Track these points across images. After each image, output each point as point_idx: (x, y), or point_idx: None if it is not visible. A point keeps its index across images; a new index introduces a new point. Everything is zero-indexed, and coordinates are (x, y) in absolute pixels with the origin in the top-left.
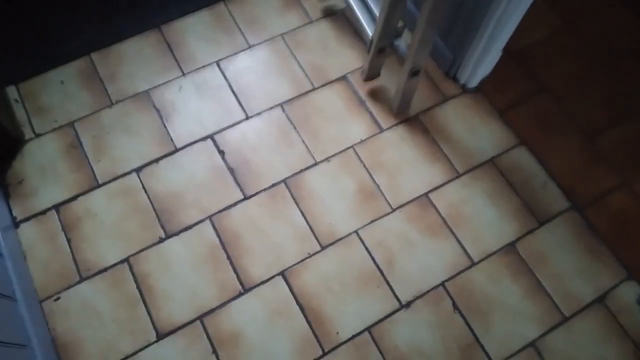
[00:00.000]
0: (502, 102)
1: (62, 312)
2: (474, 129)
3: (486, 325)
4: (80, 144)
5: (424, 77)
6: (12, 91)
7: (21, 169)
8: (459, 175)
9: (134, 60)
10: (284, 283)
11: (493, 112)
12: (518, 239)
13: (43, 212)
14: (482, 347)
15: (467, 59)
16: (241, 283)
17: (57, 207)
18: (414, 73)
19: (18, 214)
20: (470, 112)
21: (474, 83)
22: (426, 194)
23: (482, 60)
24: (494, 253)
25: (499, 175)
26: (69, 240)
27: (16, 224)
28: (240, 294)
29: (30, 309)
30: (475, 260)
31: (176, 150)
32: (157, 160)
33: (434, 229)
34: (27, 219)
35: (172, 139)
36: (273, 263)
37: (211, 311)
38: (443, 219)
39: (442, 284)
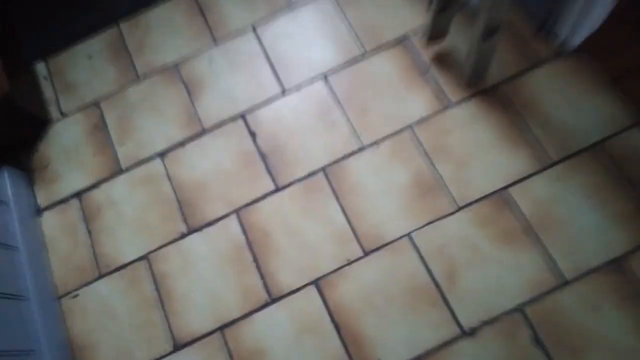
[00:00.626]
0: (616, 67)
1: (79, 311)
2: (575, 103)
3: None
4: (105, 124)
5: (507, 35)
6: (41, 68)
7: (47, 153)
8: (551, 165)
9: (163, 28)
10: (317, 294)
11: (603, 80)
12: (628, 253)
13: (65, 200)
14: None
15: (567, 9)
16: (268, 291)
17: (79, 194)
18: (490, 32)
19: (42, 201)
20: (571, 80)
21: (576, 42)
22: (505, 189)
23: (589, 11)
24: (594, 271)
25: (608, 166)
26: (89, 232)
27: (39, 211)
28: (266, 304)
29: (44, 308)
30: (568, 278)
31: (203, 131)
32: (182, 144)
33: (512, 236)
34: (50, 207)
35: (199, 119)
36: (305, 269)
37: (233, 322)
38: (526, 222)
39: (520, 308)
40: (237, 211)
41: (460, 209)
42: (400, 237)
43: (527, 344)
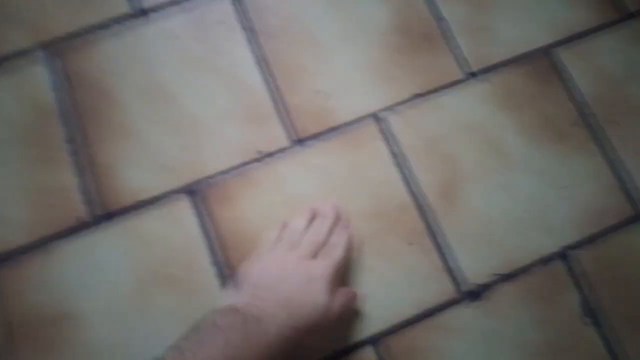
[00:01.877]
0: None
1: None
2: None
3: None
4: None
5: None
6: None
7: None
8: (624, 18)
9: None
10: (193, 210)
11: None
12: None
13: None
14: None
15: None
16: (91, 200)
17: None
18: None
19: None
20: None
21: None
22: (549, 49)
23: None
24: None
25: None
26: None
27: None
28: (86, 224)
29: None
30: None
31: None
32: None
33: (559, 130)
34: None
35: None
36: (175, 164)
37: (16, 254)
38: (584, 106)
39: (563, 252)
40: (51, 45)
41: (472, 75)
42: (361, 118)
43: (570, 315)
